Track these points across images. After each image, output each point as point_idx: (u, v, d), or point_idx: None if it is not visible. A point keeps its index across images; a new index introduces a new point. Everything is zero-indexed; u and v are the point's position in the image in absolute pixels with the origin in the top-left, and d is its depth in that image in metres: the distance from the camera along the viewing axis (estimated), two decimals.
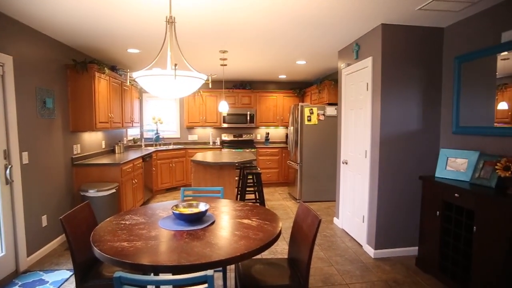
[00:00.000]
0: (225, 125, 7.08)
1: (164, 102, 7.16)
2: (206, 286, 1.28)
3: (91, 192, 3.72)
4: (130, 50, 4.34)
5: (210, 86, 2.66)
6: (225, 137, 7.33)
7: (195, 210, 2.08)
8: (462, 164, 2.80)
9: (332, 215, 4.75)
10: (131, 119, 5.66)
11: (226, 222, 2.06)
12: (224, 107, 5.51)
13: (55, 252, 3.47)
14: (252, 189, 4.80)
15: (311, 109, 5.46)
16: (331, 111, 5.48)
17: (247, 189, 4.70)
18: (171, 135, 7.22)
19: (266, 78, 7.03)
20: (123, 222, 2.01)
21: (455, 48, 3.10)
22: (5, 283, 2.77)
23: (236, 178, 4.80)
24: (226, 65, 5.35)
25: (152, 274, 1.94)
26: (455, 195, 2.57)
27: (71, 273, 2.95)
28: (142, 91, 6.65)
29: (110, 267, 2.03)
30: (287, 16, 3.01)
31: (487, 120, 2.70)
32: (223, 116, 7.03)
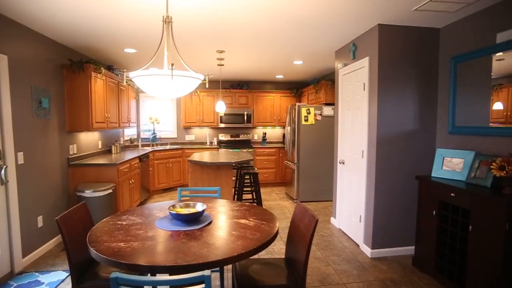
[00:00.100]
0: (222, 125, 7.07)
1: (161, 102, 7.14)
2: (203, 286, 1.28)
3: (88, 193, 3.70)
4: (127, 50, 4.33)
5: (207, 86, 2.66)
6: (222, 137, 7.33)
7: (192, 210, 2.07)
8: (458, 164, 2.82)
9: (329, 215, 4.76)
10: (128, 119, 5.64)
11: (223, 222, 2.05)
12: (221, 107, 5.50)
13: (51, 253, 3.45)
14: (249, 189, 4.80)
15: (308, 109, 5.47)
16: (328, 111, 5.50)
17: (244, 189, 4.70)
18: (168, 135, 7.20)
19: (263, 78, 7.03)
20: (120, 223, 2.00)
21: (451, 48, 3.12)
22: (0, 285, 2.75)
23: (233, 178, 4.80)
24: (223, 65, 5.35)
25: (149, 274, 1.94)
26: (451, 194, 2.59)
27: (67, 274, 2.93)
28: (139, 91, 6.62)
29: (106, 267, 2.02)
30: (284, 17, 3.01)
31: (483, 120, 2.72)
32: (220, 116, 7.03)
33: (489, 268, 2.21)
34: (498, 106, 2.58)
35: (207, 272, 1.28)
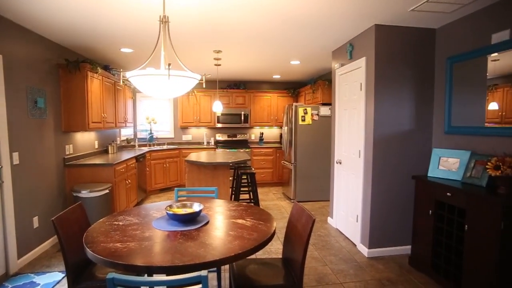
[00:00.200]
0: (219, 125, 7.06)
1: (158, 102, 7.12)
2: (200, 286, 1.28)
3: (84, 193, 3.68)
4: (123, 50, 4.31)
5: (204, 86, 2.65)
6: (219, 137, 7.32)
7: (189, 211, 2.07)
8: (454, 163, 2.83)
9: (326, 215, 4.77)
10: (125, 119, 5.61)
11: (220, 222, 2.05)
12: (218, 107, 5.50)
13: (47, 253, 3.43)
14: (247, 189, 4.79)
15: (305, 109, 5.48)
16: (325, 111, 5.51)
17: (242, 189, 4.70)
18: (165, 135, 7.18)
19: (260, 78, 7.03)
20: (116, 223, 1.99)
21: (447, 49, 3.13)
22: None
23: (230, 178, 4.79)
24: (220, 65, 5.34)
25: (145, 275, 1.93)
26: (447, 194, 2.61)
27: (63, 275, 2.91)
28: (135, 91, 6.60)
29: (103, 268, 2.01)
30: (281, 16, 3.01)
31: (478, 120, 2.74)
32: (217, 116, 7.02)
33: (484, 266, 2.22)
34: (493, 106, 2.60)
35: (204, 273, 1.27)
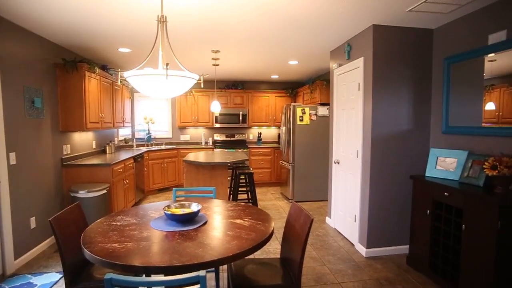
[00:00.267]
0: (217, 125, 7.06)
1: (156, 102, 7.11)
2: (198, 286, 1.28)
3: (82, 193, 3.66)
4: (121, 49, 4.30)
5: (202, 86, 2.65)
6: (217, 137, 7.31)
7: (187, 211, 2.07)
8: (451, 163, 2.85)
9: (324, 215, 4.78)
10: (122, 119, 5.60)
11: (218, 222, 2.05)
12: (216, 107, 5.49)
13: (44, 254, 3.41)
14: (245, 189, 4.79)
15: (303, 109, 5.49)
16: (323, 111, 5.52)
17: (240, 189, 4.69)
18: (163, 135, 7.16)
19: (258, 78, 7.03)
20: (114, 223, 1.98)
21: (445, 49, 3.15)
22: None
23: (228, 178, 4.79)
24: (218, 65, 5.34)
25: (144, 275, 1.93)
26: (445, 194, 2.62)
27: (60, 275, 2.90)
28: (133, 90, 6.58)
29: (100, 269, 2.01)
30: (279, 16, 3.02)
31: (476, 120, 2.75)
32: (215, 116, 7.01)
33: (482, 266, 2.23)
34: (490, 106, 2.62)
35: (202, 273, 1.27)
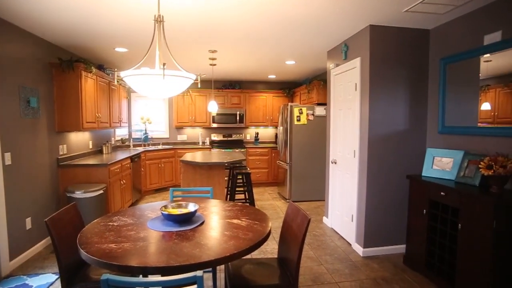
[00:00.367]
0: (214, 125, 7.05)
1: (153, 102, 7.08)
2: (195, 287, 1.27)
3: (78, 193, 3.64)
4: (118, 49, 4.28)
5: (199, 86, 2.65)
6: (214, 137, 7.30)
7: (184, 211, 2.06)
8: (447, 163, 2.86)
9: (322, 215, 4.79)
10: (119, 119, 5.58)
11: (215, 222, 2.05)
12: (213, 107, 5.49)
13: (40, 255, 3.39)
14: (242, 189, 4.80)
15: (301, 109, 5.50)
16: (320, 111, 5.53)
17: (237, 189, 4.70)
18: (160, 135, 7.15)
19: (255, 78, 7.03)
20: (111, 224, 1.97)
21: (441, 49, 3.16)
22: None
23: (225, 178, 4.78)
24: (215, 64, 5.33)
25: (140, 276, 1.92)
26: (441, 193, 2.63)
27: (56, 276, 2.88)
28: (130, 90, 6.55)
29: (97, 269, 2.00)
30: (277, 16, 3.02)
31: (471, 120, 2.77)
32: (213, 116, 7.00)
33: (477, 265, 2.25)
34: (486, 106, 2.63)
35: (199, 273, 1.27)
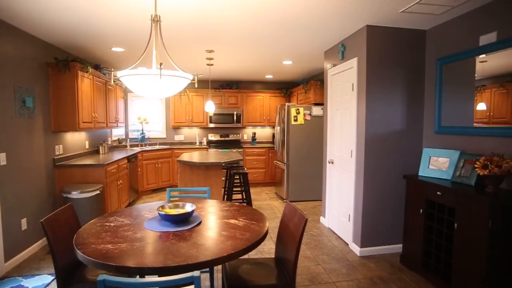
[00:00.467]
0: (211, 125, 7.04)
1: (150, 102, 7.06)
2: (192, 287, 1.27)
3: (74, 194, 3.62)
4: (114, 49, 4.26)
5: (196, 86, 2.65)
6: (211, 137, 7.29)
7: (181, 211, 2.06)
8: (444, 163, 2.88)
9: (319, 214, 4.80)
10: (116, 119, 5.55)
11: (212, 222, 2.04)
12: (210, 107, 5.48)
13: (36, 256, 3.37)
14: (239, 189, 4.79)
15: (298, 109, 5.50)
16: (317, 111, 5.54)
17: (234, 189, 4.69)
18: (157, 135, 7.12)
19: (252, 78, 7.03)
20: (108, 224, 1.97)
21: (437, 50, 3.18)
22: None
23: (222, 178, 4.78)
24: (212, 64, 5.32)
25: (137, 276, 1.91)
26: (438, 193, 2.64)
27: (52, 277, 2.86)
28: (127, 90, 6.53)
29: (94, 270, 1.99)
30: (274, 17, 3.02)
31: (467, 120, 2.79)
32: (210, 116, 6.99)
33: (473, 264, 2.26)
34: (481, 106, 2.65)
35: (196, 273, 1.27)
